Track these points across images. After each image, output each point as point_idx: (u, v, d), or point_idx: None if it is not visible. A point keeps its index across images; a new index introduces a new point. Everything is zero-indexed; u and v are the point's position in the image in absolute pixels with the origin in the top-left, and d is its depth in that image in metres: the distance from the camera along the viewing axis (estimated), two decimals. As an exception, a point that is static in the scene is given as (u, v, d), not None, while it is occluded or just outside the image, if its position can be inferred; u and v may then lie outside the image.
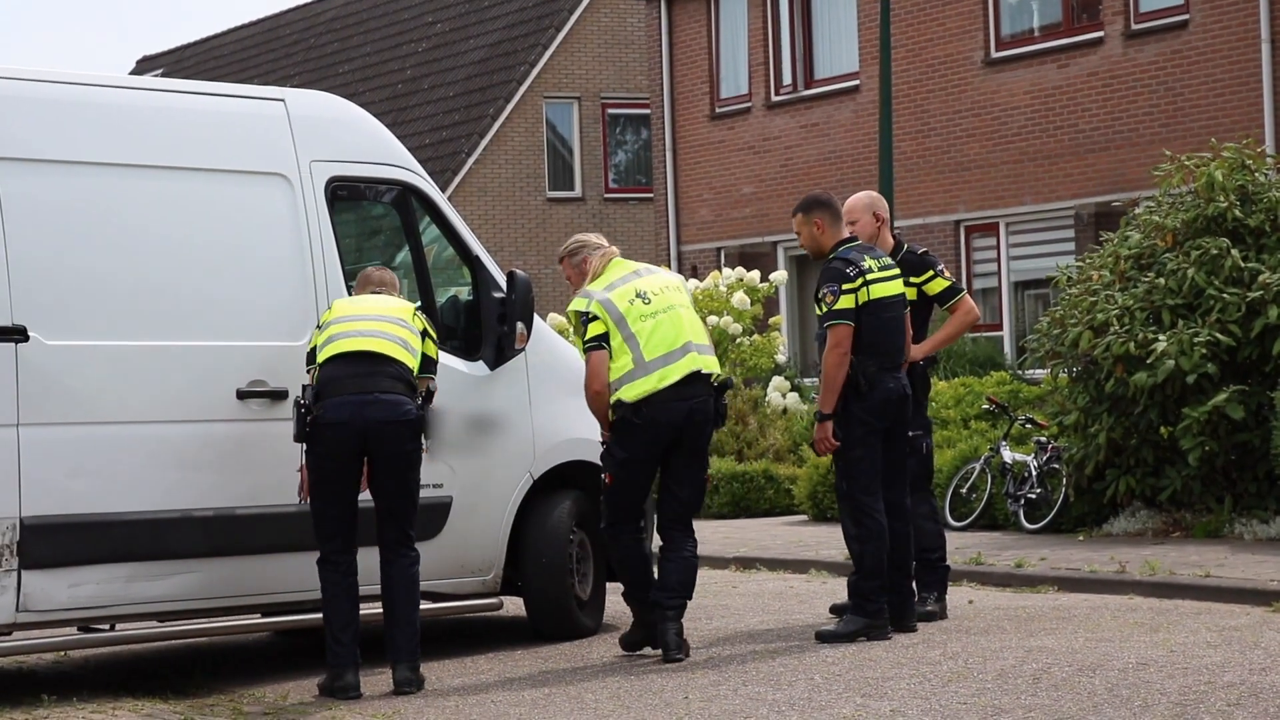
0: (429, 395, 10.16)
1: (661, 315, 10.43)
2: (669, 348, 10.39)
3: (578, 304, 10.50)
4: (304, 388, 9.89)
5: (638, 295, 10.45)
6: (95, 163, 10.18)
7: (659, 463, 10.57)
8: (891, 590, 10.98)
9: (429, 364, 10.15)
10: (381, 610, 10.11)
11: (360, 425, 9.71)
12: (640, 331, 10.36)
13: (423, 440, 9.98)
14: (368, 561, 10.10)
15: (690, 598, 10.61)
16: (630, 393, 10.34)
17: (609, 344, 10.35)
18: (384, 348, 9.90)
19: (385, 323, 10.00)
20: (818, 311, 11.03)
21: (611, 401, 10.38)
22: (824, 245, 11.10)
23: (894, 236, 11.89)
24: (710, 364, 10.55)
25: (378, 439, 9.76)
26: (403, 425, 9.81)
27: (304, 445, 9.85)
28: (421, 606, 11.33)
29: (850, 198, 11.96)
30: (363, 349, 9.86)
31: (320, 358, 9.89)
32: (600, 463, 10.73)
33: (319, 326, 10.12)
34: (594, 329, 10.38)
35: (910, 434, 11.48)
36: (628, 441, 10.43)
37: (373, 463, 9.83)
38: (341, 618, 9.83)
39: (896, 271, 11.15)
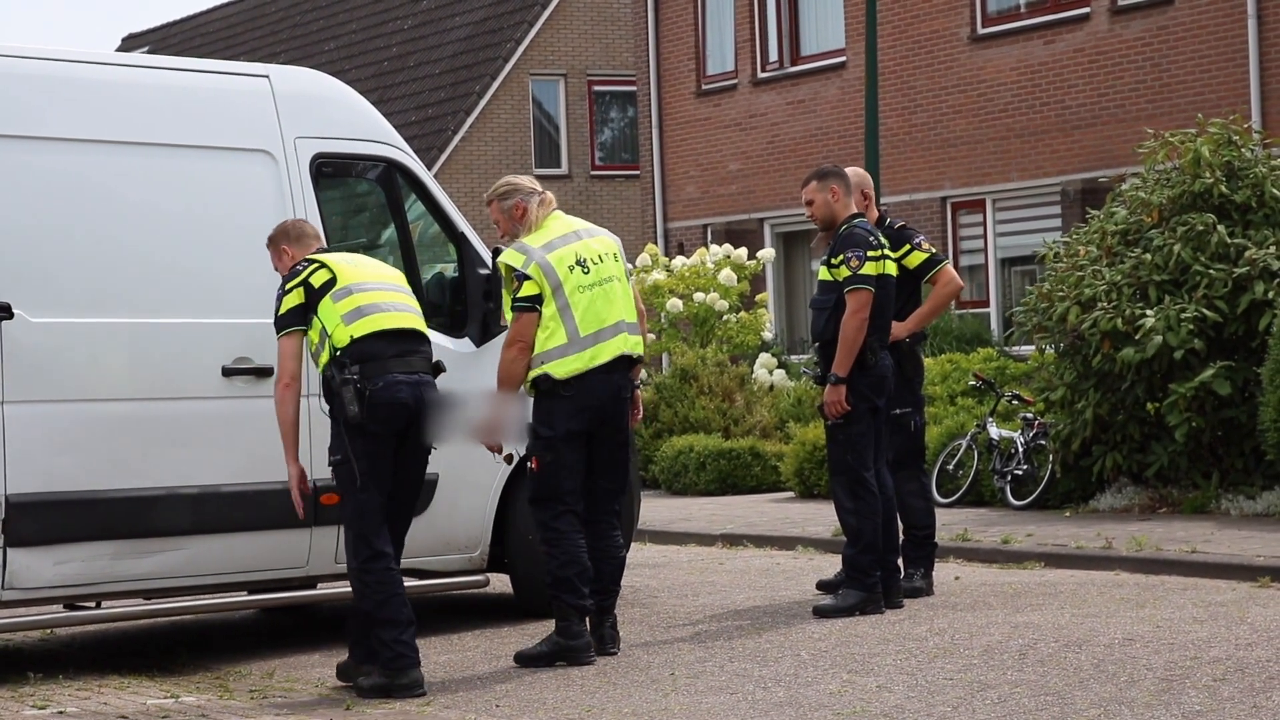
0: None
1: (598, 288, 9.87)
2: (602, 324, 9.85)
3: (512, 258, 9.77)
4: (341, 364, 9.19)
5: (578, 262, 9.83)
6: (80, 139, 10.15)
7: (586, 443, 9.94)
8: (879, 567, 11.03)
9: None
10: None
11: (417, 408, 9.26)
12: (577, 304, 9.77)
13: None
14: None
15: (619, 591, 10.17)
16: (561, 369, 9.75)
17: (540, 308, 9.74)
18: (416, 323, 9.48)
19: (403, 294, 9.56)
20: (828, 276, 10.98)
21: (533, 375, 9.79)
22: (838, 215, 11.08)
23: (879, 210, 11.89)
24: (638, 345, 10.03)
25: (422, 421, 9.31)
26: (440, 410, 9.41)
27: (344, 432, 9.22)
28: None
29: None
30: (399, 325, 9.37)
31: (358, 331, 9.21)
32: (537, 443, 9.95)
33: (314, 288, 9.35)
34: (528, 288, 9.70)
35: (899, 411, 11.54)
36: (556, 420, 9.80)
37: (407, 446, 9.33)
38: (405, 615, 9.21)
39: (893, 254, 11.23)
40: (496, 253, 11.29)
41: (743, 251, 23.73)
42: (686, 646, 10.17)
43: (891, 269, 11.09)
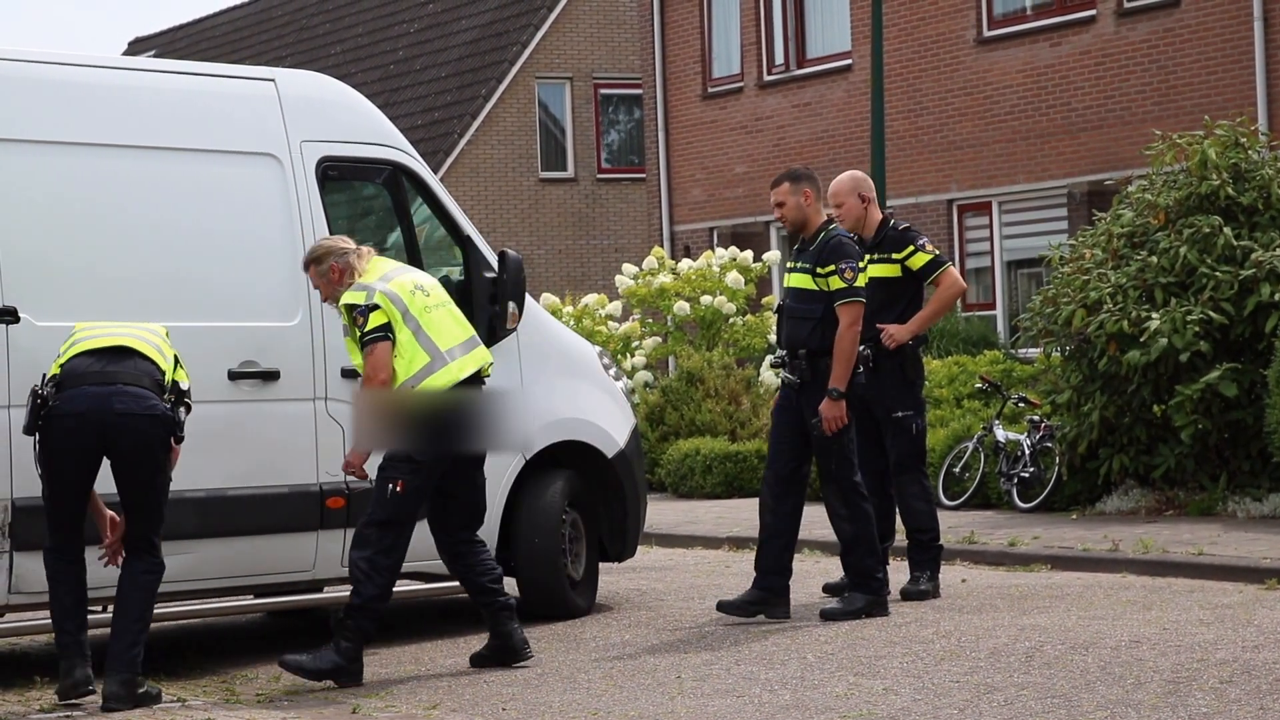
0: (185, 407, 9.24)
1: (443, 308, 9.78)
2: (458, 339, 9.76)
3: (353, 297, 9.56)
4: (44, 376, 9.09)
5: (417, 287, 9.73)
6: (86, 143, 10.16)
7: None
8: (882, 568, 11.11)
9: (181, 395, 9.21)
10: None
11: (98, 418, 8.87)
12: (429, 323, 9.64)
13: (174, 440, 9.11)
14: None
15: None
16: (435, 385, 9.59)
17: (394, 335, 9.55)
18: (135, 344, 9.13)
19: (136, 327, 9.28)
20: (810, 284, 10.89)
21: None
22: (811, 219, 11.01)
23: (881, 212, 11.86)
24: (489, 359, 9.94)
25: (117, 433, 8.91)
26: (146, 419, 8.93)
27: (35, 437, 9.04)
28: (415, 587, 11.37)
29: (834, 181, 11.85)
30: (111, 344, 9.09)
31: (64, 357, 9.08)
32: (403, 465, 9.64)
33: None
34: (376, 318, 9.49)
35: (900, 414, 11.56)
36: (437, 439, 9.62)
37: (112, 460, 9.00)
38: (64, 608, 9.08)
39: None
40: (503, 255, 11.32)
41: (749, 254, 23.73)
42: (693, 649, 10.17)
43: (865, 278, 11.04)
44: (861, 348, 11.35)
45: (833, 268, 10.82)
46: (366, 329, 9.52)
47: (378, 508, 9.61)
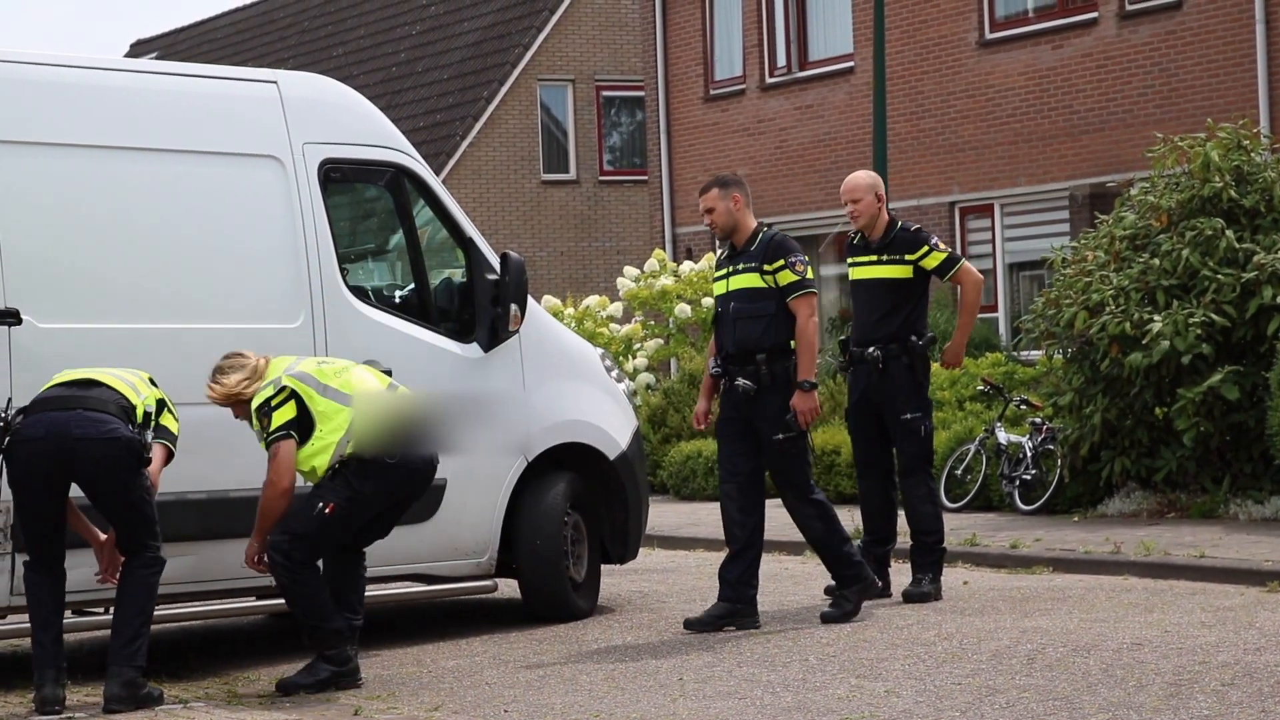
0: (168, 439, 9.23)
1: (354, 368, 9.72)
2: (383, 385, 9.74)
3: (263, 394, 9.43)
4: (8, 400, 9.16)
5: (320, 361, 9.74)
6: (88, 145, 10.17)
7: None
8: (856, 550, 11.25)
9: (163, 432, 9.22)
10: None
11: (57, 443, 8.86)
12: (345, 384, 9.54)
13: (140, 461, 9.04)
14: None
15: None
16: (366, 439, 9.49)
17: (297, 431, 9.39)
18: (103, 377, 9.15)
19: (111, 368, 9.30)
20: (759, 282, 10.75)
21: (348, 453, 9.44)
22: (743, 223, 10.89)
23: (889, 214, 11.88)
24: None
25: (76, 458, 8.89)
26: (103, 443, 8.89)
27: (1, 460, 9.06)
28: (416, 589, 11.37)
29: (850, 176, 11.90)
30: (80, 377, 9.14)
31: (39, 392, 9.16)
32: (341, 492, 9.53)
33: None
34: (282, 415, 9.38)
35: (908, 415, 11.59)
36: (380, 481, 9.54)
37: (77, 482, 9.00)
38: (43, 620, 9.06)
39: None
40: (505, 257, 11.32)
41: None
42: (695, 651, 10.17)
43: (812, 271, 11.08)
44: (870, 350, 11.36)
45: (781, 263, 10.74)
46: (271, 428, 9.42)
47: (295, 520, 9.47)
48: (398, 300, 11.57)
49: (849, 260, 12.00)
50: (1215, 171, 15.84)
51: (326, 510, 9.44)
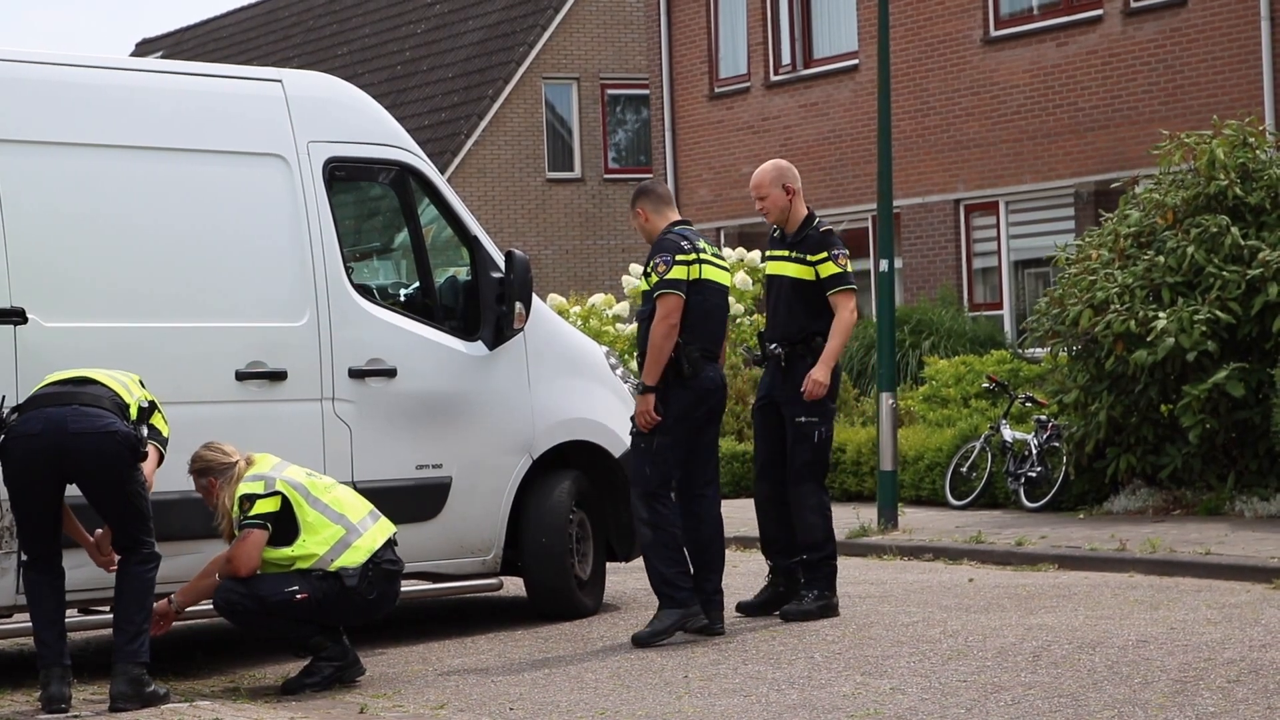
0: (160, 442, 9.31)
1: (339, 486, 9.83)
2: (365, 511, 9.76)
3: (250, 486, 9.51)
4: (2, 399, 9.18)
5: (309, 473, 9.78)
6: (93, 144, 10.17)
7: None
8: (699, 590, 10.65)
9: (154, 434, 9.27)
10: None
11: (54, 439, 8.91)
12: (334, 500, 9.66)
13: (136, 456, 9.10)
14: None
15: None
16: (354, 556, 9.58)
17: (274, 527, 9.48)
18: (96, 375, 9.21)
19: (102, 369, 9.34)
20: (644, 286, 10.68)
21: (333, 569, 9.53)
22: (655, 230, 10.77)
23: (807, 208, 11.38)
24: (394, 528, 9.91)
25: (74, 453, 8.93)
26: (100, 437, 8.93)
27: None
28: (422, 587, 11.38)
29: (756, 171, 11.45)
30: (73, 375, 9.20)
31: (33, 391, 9.22)
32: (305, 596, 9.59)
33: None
34: (265, 505, 9.48)
35: (802, 419, 11.06)
36: (348, 597, 9.59)
37: (74, 479, 9.04)
38: (45, 617, 9.10)
39: (726, 263, 10.97)
40: (510, 255, 11.33)
41: (756, 254, 23.72)
42: (700, 649, 10.18)
43: (716, 275, 10.69)
44: (773, 346, 11.16)
45: (651, 264, 10.58)
46: (250, 513, 9.48)
47: (264, 585, 9.51)
48: (403, 298, 11.59)
49: (766, 253, 11.67)
50: (1220, 168, 15.84)
51: (298, 596, 9.51)
